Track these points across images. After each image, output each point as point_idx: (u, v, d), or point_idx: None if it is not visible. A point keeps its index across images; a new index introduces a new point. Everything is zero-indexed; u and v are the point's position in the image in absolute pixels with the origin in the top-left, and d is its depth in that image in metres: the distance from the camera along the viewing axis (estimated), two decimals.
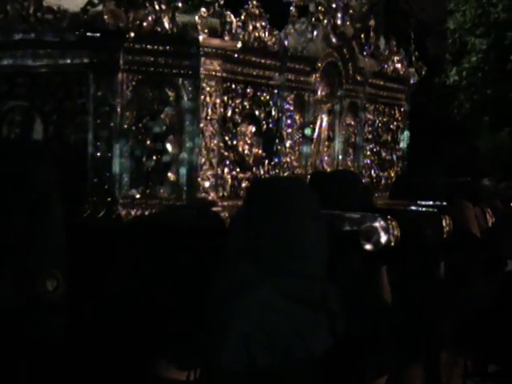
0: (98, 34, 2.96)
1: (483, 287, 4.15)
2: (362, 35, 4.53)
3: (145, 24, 3.01)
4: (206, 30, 3.07)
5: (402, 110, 5.17)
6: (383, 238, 2.93)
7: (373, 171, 4.83)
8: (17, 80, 3.20)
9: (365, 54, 4.55)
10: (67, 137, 3.11)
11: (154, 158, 3.09)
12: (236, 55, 3.25)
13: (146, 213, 3.06)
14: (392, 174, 5.11)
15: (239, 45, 3.18)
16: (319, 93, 4.17)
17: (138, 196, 3.07)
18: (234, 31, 3.16)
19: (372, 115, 4.81)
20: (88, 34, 2.96)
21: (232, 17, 3.16)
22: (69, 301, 2.40)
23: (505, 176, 9.55)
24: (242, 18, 3.34)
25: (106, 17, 2.92)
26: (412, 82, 5.18)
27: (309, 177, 3.86)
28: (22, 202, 2.20)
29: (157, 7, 3.03)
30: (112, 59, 3.00)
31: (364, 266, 3.03)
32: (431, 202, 4.05)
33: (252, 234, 2.38)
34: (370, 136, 4.80)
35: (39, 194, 2.22)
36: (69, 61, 3.08)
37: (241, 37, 3.29)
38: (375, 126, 4.85)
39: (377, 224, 2.93)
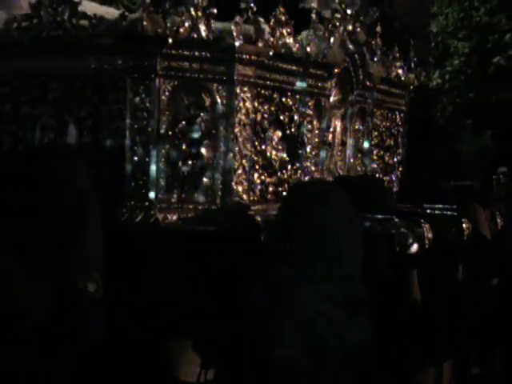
0: (137, 40, 3.02)
1: (493, 288, 4.30)
2: (373, 41, 4.65)
3: (181, 30, 3.09)
4: (240, 37, 3.15)
5: (402, 115, 5.31)
6: (417, 241, 3.04)
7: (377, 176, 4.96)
8: (50, 85, 3.25)
9: (375, 59, 4.66)
10: (102, 142, 3.16)
11: (190, 162, 3.16)
12: (266, 61, 3.34)
13: (182, 217, 3.13)
14: (393, 178, 5.25)
15: (272, 51, 3.27)
16: (332, 98, 4.29)
17: (174, 200, 3.15)
18: (266, 38, 3.25)
19: (378, 120, 4.94)
20: (127, 39, 3.02)
21: (264, 24, 3.25)
22: (105, 304, 2.47)
23: (487, 179, 9.76)
24: (271, 24, 3.43)
25: (145, 23, 2.98)
26: (412, 87, 5.32)
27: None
28: (62, 206, 2.23)
29: (193, 13, 3.10)
30: (150, 65, 3.07)
31: (395, 268, 3.14)
32: (441, 206, 4.18)
33: (290, 238, 2.48)
34: (375, 141, 4.93)
35: (79, 197, 2.27)
36: (105, 66, 3.14)
37: (270, 43, 3.38)
38: (380, 131, 4.99)
39: (412, 227, 3.04)
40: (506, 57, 9.17)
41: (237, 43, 3.14)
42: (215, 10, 3.15)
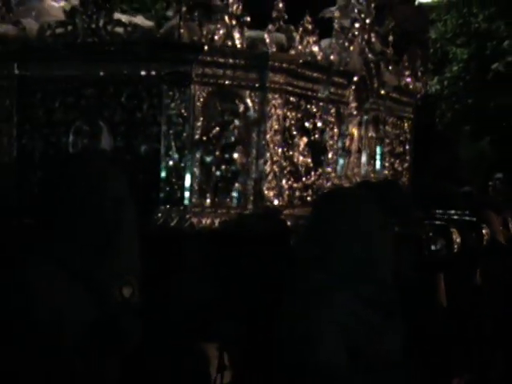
0: (173, 47, 3.10)
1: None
2: (388, 50, 4.76)
3: (216, 38, 3.17)
4: (273, 45, 3.24)
5: (410, 122, 5.43)
6: (447, 246, 3.14)
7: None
8: (84, 91, 3.32)
9: (390, 68, 4.78)
10: (137, 147, 3.24)
11: (223, 167, 3.24)
12: (295, 69, 3.43)
13: (216, 221, 3.20)
14: None
15: (303, 59, 3.36)
16: (350, 106, 4.39)
17: (207, 205, 3.23)
18: (297, 46, 3.34)
19: (390, 128, 5.05)
20: (163, 47, 3.11)
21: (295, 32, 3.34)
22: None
23: (485, 185, 9.87)
24: (299, 33, 3.52)
25: (182, 30, 3.07)
26: (418, 95, 5.44)
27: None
28: (99, 211, 2.25)
29: (227, 21, 3.19)
30: (185, 72, 3.15)
31: (422, 272, 3.24)
32: (454, 212, 4.28)
33: (321, 243, 2.55)
34: (387, 148, 5.04)
35: (115, 202, 2.30)
36: (140, 73, 3.21)
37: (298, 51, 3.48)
38: (391, 139, 5.10)
39: (441, 231, 3.14)
40: (504, 63, 9.29)
41: (270, 51, 3.22)
42: (248, 18, 3.23)
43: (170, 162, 3.17)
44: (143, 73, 3.20)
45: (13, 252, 2.33)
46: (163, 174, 3.18)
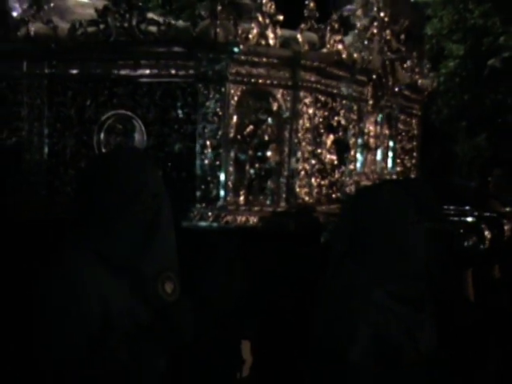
0: (209, 46, 3.15)
1: None
2: (403, 48, 4.84)
3: (250, 37, 3.22)
4: (306, 44, 3.30)
5: (418, 119, 5.51)
6: (479, 242, 3.21)
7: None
8: (116, 89, 3.36)
9: (405, 66, 4.85)
10: (171, 145, 3.28)
11: (257, 165, 3.30)
12: (325, 67, 3.50)
13: (250, 219, 3.26)
14: None
15: (333, 58, 3.43)
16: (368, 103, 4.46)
17: (241, 202, 3.28)
18: (328, 45, 3.40)
19: (401, 125, 5.14)
20: (199, 46, 3.15)
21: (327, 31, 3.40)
22: None
23: (481, 181, 9.99)
24: (327, 32, 3.58)
25: (218, 30, 3.12)
26: (426, 92, 5.53)
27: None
28: (139, 207, 2.28)
29: (261, 20, 3.24)
30: (220, 70, 3.20)
31: (453, 268, 3.31)
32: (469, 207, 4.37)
33: (356, 239, 2.62)
34: (399, 145, 5.12)
35: (154, 198, 2.34)
36: (174, 71, 3.26)
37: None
38: (402, 136, 5.18)
39: (473, 227, 3.21)
40: (500, 59, 9.40)
41: (303, 50, 3.28)
42: (281, 17, 3.28)
43: (205, 161, 3.22)
44: (177, 71, 3.25)
45: (54, 248, 2.37)
46: (198, 173, 3.23)
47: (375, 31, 4.31)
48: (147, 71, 3.31)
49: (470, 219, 3.42)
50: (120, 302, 2.25)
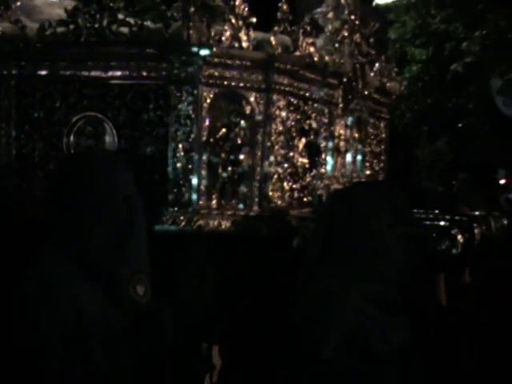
0: (182, 48, 3.12)
1: None
2: (373, 52, 4.86)
3: (223, 39, 3.20)
4: (279, 47, 3.29)
5: (385, 122, 5.55)
6: (452, 246, 3.23)
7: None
8: (86, 91, 3.31)
9: (374, 69, 4.87)
10: (143, 148, 3.24)
11: (230, 169, 3.28)
12: (297, 70, 3.49)
13: (223, 223, 3.23)
14: None
15: (306, 61, 3.42)
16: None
17: (214, 206, 3.25)
18: (301, 48, 3.40)
19: (370, 128, 5.16)
20: (171, 47, 3.12)
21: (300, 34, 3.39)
22: None
23: (442, 185, 10.10)
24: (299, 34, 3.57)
25: (191, 31, 3.09)
26: (394, 96, 5.57)
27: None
28: (112, 210, 2.26)
29: (234, 22, 3.22)
30: (193, 73, 3.17)
31: (426, 272, 3.33)
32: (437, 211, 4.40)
33: (332, 242, 2.62)
34: (368, 148, 5.15)
35: (126, 201, 2.33)
36: (146, 73, 3.22)
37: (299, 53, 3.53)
38: (371, 139, 5.21)
39: (446, 232, 3.23)
40: (463, 64, 9.51)
41: (276, 53, 3.27)
42: (254, 20, 3.27)
43: (178, 164, 3.19)
44: (149, 73, 3.21)
45: (26, 252, 2.34)
46: (171, 176, 3.19)
47: (346, 34, 4.32)
48: (118, 73, 3.27)
49: (442, 223, 3.43)
50: (93, 304, 2.22)
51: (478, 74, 9.52)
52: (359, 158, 4.99)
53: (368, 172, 5.15)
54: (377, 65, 4.95)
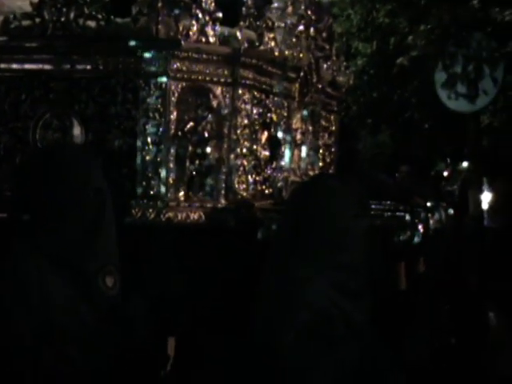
0: (150, 42, 3.19)
1: None
2: (327, 46, 4.99)
3: (191, 33, 3.28)
4: (245, 42, 3.38)
5: (336, 115, 5.70)
6: (413, 235, 3.38)
7: None
8: (53, 84, 3.35)
9: (329, 63, 5.00)
10: (111, 142, 3.30)
11: (197, 162, 3.36)
12: (262, 65, 3.59)
13: (191, 215, 3.32)
14: None
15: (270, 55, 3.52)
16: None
17: (182, 199, 3.33)
18: (267, 43, 3.50)
19: (323, 121, 5.30)
20: (139, 41, 3.19)
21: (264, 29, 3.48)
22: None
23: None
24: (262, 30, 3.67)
25: (159, 26, 3.16)
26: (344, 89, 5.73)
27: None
28: (82, 202, 2.30)
29: (201, 17, 3.30)
30: (162, 67, 3.24)
31: (389, 261, 3.47)
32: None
33: (300, 232, 2.72)
34: (322, 141, 5.29)
35: (97, 194, 2.37)
36: (113, 67, 3.28)
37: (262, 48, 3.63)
38: (324, 132, 5.35)
39: (409, 221, 3.37)
40: (408, 58, 9.71)
41: (242, 48, 3.36)
42: (221, 15, 3.35)
43: (147, 157, 3.26)
44: (117, 67, 3.27)
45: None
46: (139, 169, 3.26)
47: (303, 28, 4.43)
48: (85, 66, 3.32)
49: (402, 214, 3.57)
50: (65, 300, 2.25)
51: (423, 68, 9.73)
52: (313, 150, 5.11)
53: (320, 164, 5.28)
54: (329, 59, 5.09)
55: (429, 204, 4.99)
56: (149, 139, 3.25)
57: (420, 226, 3.42)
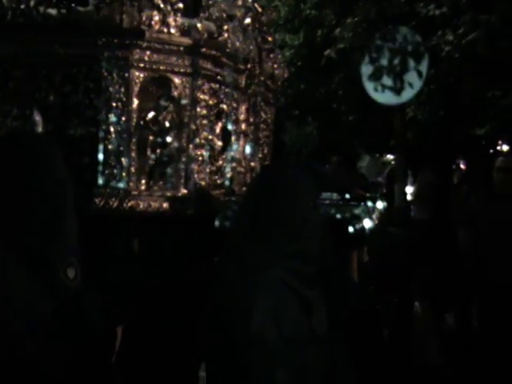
0: (113, 32, 3.27)
1: None
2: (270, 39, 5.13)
3: (153, 23, 3.37)
4: (205, 33, 3.50)
5: (272, 107, 5.86)
6: (367, 225, 3.56)
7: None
8: (13, 72, 3.38)
9: (271, 56, 5.15)
10: (72, 131, 3.36)
11: (158, 151, 3.46)
12: (219, 56, 3.71)
13: (152, 204, 3.42)
14: None
15: (228, 47, 3.64)
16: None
17: (143, 188, 3.43)
18: (226, 35, 3.62)
19: (263, 113, 5.46)
20: (103, 31, 3.26)
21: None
22: None
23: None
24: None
25: (123, 16, 3.25)
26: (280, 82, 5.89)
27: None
28: (43, 193, 2.32)
29: (163, 7, 3.40)
30: (124, 56, 3.32)
31: (342, 251, 3.63)
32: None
33: (257, 221, 2.86)
34: (262, 133, 5.44)
35: (58, 184, 2.42)
36: (75, 56, 3.34)
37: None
38: (263, 124, 5.50)
39: (361, 211, 3.55)
40: (335, 50, 9.92)
41: (202, 38, 3.47)
42: (182, 5, 3.46)
43: (109, 146, 3.33)
44: (79, 56, 3.33)
45: None
46: (101, 158, 3.33)
47: (250, 21, 4.56)
48: (46, 55, 3.36)
49: (354, 204, 3.74)
50: (25, 290, 2.27)
51: (350, 61, 9.97)
52: (254, 142, 5.25)
53: (260, 155, 5.43)
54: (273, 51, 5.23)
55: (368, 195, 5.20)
56: (111, 128, 3.32)
57: (371, 216, 3.60)
